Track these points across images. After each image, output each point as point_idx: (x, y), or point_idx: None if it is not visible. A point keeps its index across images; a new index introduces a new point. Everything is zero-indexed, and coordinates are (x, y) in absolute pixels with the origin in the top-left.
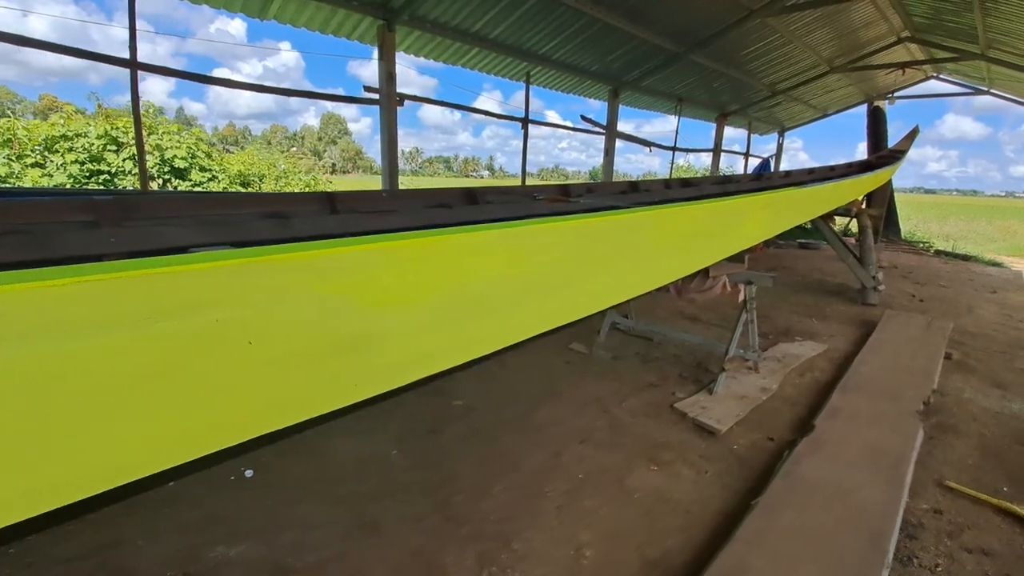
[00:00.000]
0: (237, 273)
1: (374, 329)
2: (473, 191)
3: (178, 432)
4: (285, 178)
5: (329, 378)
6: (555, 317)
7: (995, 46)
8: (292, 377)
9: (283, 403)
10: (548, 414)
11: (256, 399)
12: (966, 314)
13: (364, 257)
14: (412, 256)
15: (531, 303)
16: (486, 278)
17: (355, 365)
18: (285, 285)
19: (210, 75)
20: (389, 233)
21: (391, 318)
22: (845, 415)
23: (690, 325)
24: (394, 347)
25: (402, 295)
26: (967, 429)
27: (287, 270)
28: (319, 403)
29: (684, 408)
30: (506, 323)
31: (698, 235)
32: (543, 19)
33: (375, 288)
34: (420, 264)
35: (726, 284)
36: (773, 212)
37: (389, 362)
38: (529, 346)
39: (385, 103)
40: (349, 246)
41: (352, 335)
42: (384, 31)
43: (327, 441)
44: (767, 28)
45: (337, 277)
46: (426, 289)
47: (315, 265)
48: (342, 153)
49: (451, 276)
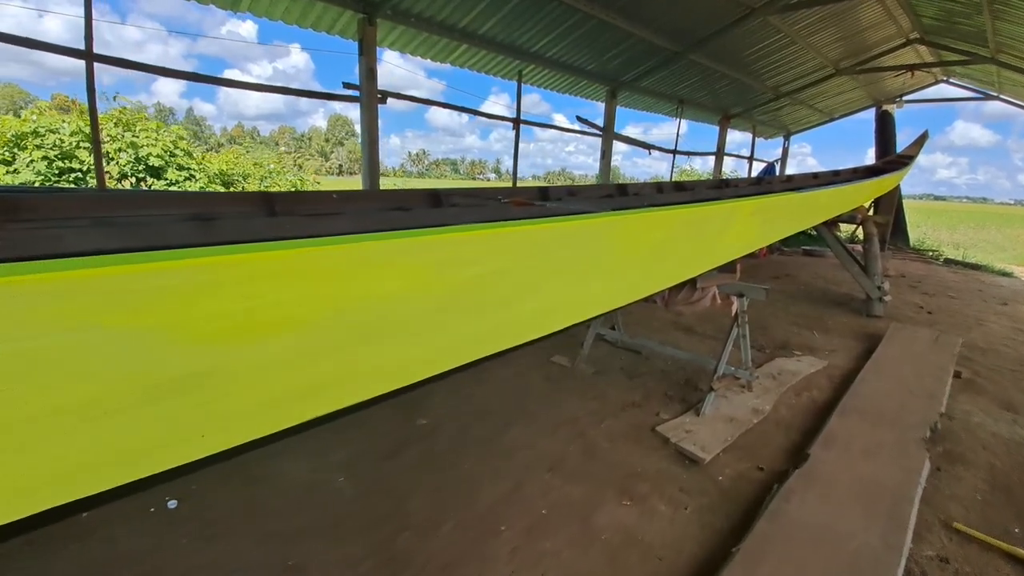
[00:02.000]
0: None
1: (205, 366)
2: (438, 193)
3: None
4: (271, 178)
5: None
6: (502, 338)
7: (1005, 50)
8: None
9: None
10: (518, 436)
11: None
12: (975, 328)
13: (226, 272)
14: (294, 270)
15: (465, 321)
16: (398, 295)
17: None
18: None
19: (172, 68)
20: (274, 240)
21: (242, 350)
22: (842, 443)
23: (684, 337)
24: (229, 389)
25: (267, 321)
26: (976, 459)
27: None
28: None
29: (667, 432)
30: (429, 346)
31: (681, 242)
32: (534, 15)
33: (219, 315)
34: (302, 281)
35: (716, 296)
36: (765, 219)
37: (225, 409)
38: (508, 357)
39: (365, 100)
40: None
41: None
42: (364, 25)
43: (271, 464)
44: (769, 28)
45: (154, 307)
46: (311, 311)
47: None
48: (349, 154)
49: (357, 292)
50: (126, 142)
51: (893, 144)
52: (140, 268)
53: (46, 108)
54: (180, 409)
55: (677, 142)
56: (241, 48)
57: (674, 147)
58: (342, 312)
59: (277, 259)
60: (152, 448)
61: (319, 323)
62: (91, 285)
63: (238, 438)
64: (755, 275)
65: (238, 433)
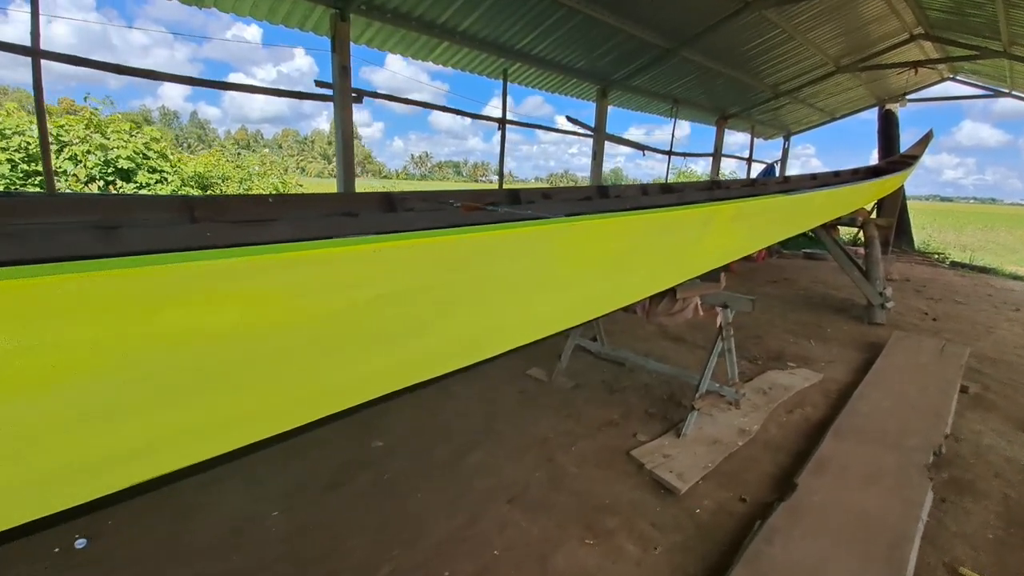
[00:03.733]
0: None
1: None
2: (392, 196)
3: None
4: (250, 180)
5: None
6: (448, 358)
7: (1019, 42)
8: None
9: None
10: (480, 461)
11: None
12: (985, 336)
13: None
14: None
15: (401, 341)
16: (328, 311)
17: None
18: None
19: (121, 64)
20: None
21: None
22: (836, 469)
23: (672, 347)
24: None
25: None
26: (987, 488)
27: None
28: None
29: (642, 457)
30: (366, 367)
31: (652, 250)
32: (517, 10)
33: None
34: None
35: (698, 307)
36: (750, 224)
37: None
38: (481, 370)
39: (339, 99)
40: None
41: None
42: (337, 21)
43: (204, 494)
44: (766, 23)
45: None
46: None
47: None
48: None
49: (283, 310)
50: (94, 144)
51: (897, 144)
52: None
53: (14, 110)
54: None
55: (673, 143)
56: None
57: (669, 148)
58: (261, 333)
59: (118, 279)
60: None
61: (214, 348)
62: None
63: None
64: (752, 279)
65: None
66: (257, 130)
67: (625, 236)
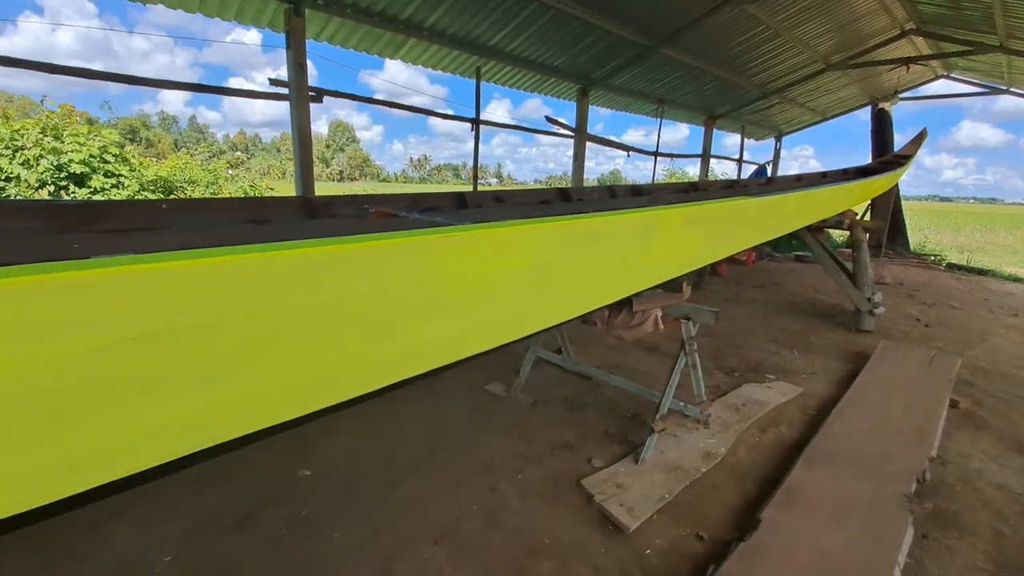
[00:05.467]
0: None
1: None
2: (313, 202)
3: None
4: (216, 184)
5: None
6: (344, 387)
7: (1017, 35)
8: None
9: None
10: (414, 491)
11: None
12: (979, 344)
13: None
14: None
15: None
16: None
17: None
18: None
19: (61, 65)
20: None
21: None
22: (805, 502)
23: (646, 357)
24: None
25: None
26: (976, 523)
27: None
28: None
29: (593, 487)
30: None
31: (595, 258)
32: (485, 4)
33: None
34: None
35: (658, 320)
36: (707, 230)
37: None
38: (435, 385)
39: (295, 98)
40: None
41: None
42: (291, 15)
43: (90, 536)
44: (749, 19)
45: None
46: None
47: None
48: (350, 160)
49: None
50: (46, 148)
51: (890, 143)
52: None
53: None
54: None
55: (668, 145)
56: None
57: (655, 149)
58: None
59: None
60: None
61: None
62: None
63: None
64: (740, 283)
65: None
66: (255, 133)
67: (552, 244)
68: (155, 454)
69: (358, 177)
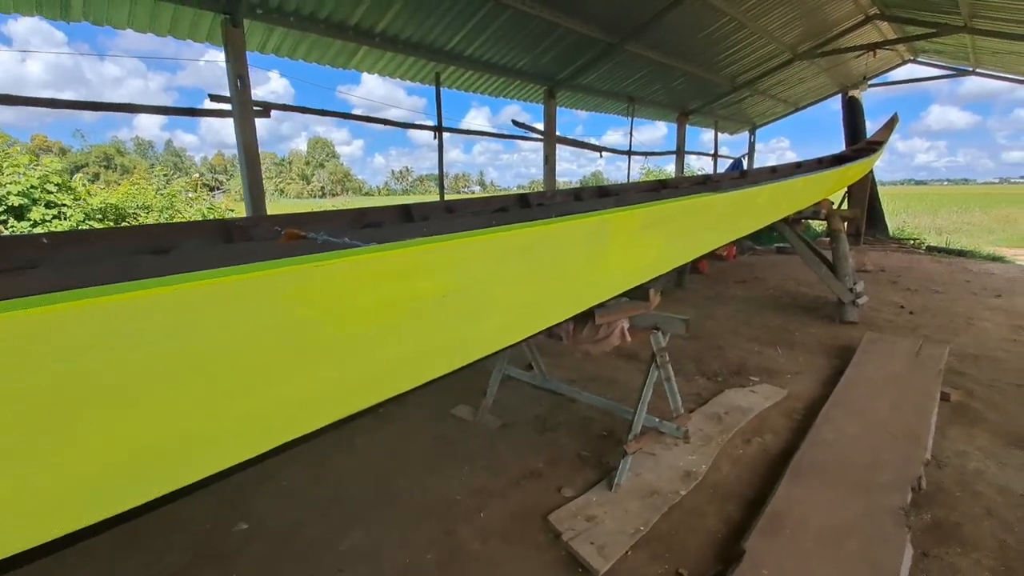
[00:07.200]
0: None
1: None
2: (230, 225)
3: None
4: (171, 208)
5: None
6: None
7: (980, 13)
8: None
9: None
10: (363, 539)
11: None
12: (965, 329)
13: None
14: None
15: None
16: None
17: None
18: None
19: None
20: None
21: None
22: (792, 526)
23: (624, 366)
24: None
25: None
26: (978, 533)
27: None
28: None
29: (560, 523)
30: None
31: (547, 271)
32: (436, 7)
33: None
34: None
35: (624, 332)
36: (669, 232)
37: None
38: (396, 413)
39: (238, 112)
40: None
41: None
42: (228, 27)
43: None
44: (713, 10)
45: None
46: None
47: None
48: (331, 176)
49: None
50: None
51: (862, 131)
52: None
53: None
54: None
55: (641, 143)
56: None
57: (628, 148)
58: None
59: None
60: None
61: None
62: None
63: None
64: (721, 279)
65: None
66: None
67: (478, 262)
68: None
69: (340, 192)
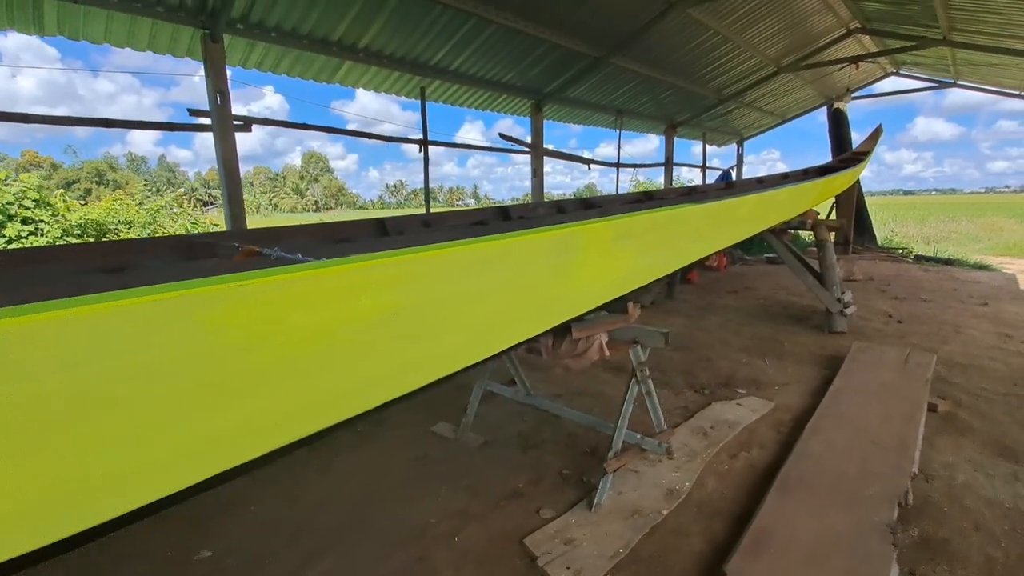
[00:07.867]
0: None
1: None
2: (193, 241)
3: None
4: (154, 224)
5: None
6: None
7: (958, 27)
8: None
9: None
10: (332, 568)
11: None
12: (953, 337)
13: None
14: None
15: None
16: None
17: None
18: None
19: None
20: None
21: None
22: (778, 545)
23: (612, 379)
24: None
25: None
26: (966, 548)
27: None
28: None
29: (537, 547)
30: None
31: (511, 286)
32: (421, 22)
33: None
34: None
35: (603, 346)
36: (640, 245)
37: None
38: (374, 432)
39: (218, 127)
40: None
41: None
42: (207, 43)
43: None
44: (697, 24)
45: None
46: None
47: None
48: (325, 190)
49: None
50: None
51: (848, 142)
52: None
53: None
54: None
55: (619, 154)
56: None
57: (617, 160)
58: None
59: None
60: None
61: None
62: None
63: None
64: (713, 290)
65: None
66: None
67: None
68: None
69: (334, 206)
